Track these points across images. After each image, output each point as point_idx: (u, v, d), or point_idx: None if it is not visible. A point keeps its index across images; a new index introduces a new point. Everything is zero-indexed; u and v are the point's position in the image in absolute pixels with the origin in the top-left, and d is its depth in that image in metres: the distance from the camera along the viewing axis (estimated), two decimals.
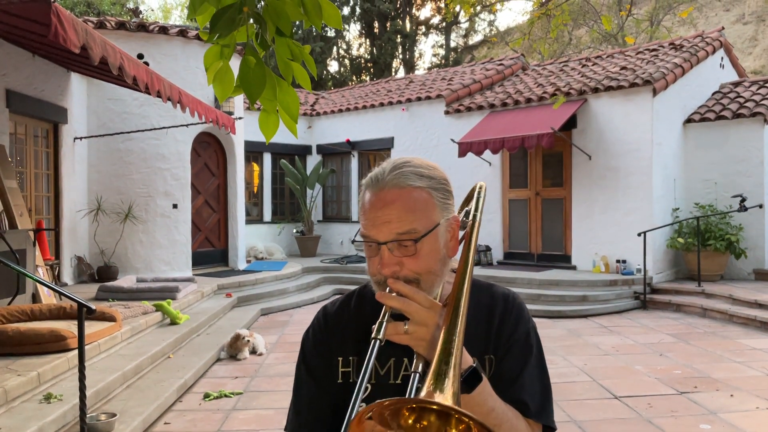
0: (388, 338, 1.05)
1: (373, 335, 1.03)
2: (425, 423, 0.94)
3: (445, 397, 0.93)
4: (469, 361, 1.07)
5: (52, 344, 4.97)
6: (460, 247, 1.25)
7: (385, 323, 1.05)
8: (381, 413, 0.91)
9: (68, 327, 5.17)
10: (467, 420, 0.90)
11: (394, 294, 1.09)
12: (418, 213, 1.14)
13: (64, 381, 4.72)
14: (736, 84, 11.59)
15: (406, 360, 1.21)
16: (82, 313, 3.84)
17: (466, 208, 1.37)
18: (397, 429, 0.93)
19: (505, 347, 1.23)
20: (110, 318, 5.92)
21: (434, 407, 0.92)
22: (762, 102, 10.36)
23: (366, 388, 1.03)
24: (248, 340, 6.59)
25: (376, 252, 1.16)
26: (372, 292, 1.19)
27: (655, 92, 9.76)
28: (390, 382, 1.22)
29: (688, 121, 10.79)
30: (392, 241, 1.13)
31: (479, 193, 1.37)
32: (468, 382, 1.05)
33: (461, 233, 1.27)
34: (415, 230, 1.13)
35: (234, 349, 6.60)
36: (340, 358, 1.27)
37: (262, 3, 1.49)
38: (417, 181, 1.16)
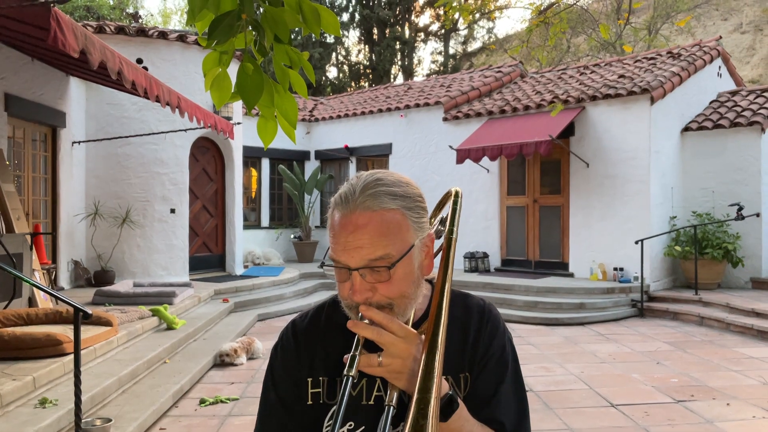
0: (362, 370, 1.02)
1: (345, 371, 1.00)
2: None
3: None
4: (445, 388, 1.05)
5: (48, 349, 4.95)
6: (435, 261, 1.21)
7: (357, 356, 1.02)
8: None
9: (64, 331, 5.16)
10: None
11: (367, 322, 1.05)
12: (392, 237, 1.08)
13: (60, 386, 4.70)
14: (734, 93, 11.63)
15: (378, 380, 1.18)
16: (78, 318, 3.83)
17: (441, 215, 1.31)
18: None
19: (480, 364, 1.19)
20: (106, 323, 5.91)
21: None
22: (759, 111, 10.39)
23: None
24: (227, 359, 6.49)
25: (347, 277, 1.10)
26: (341, 309, 1.16)
27: (652, 101, 9.79)
28: (362, 403, 1.18)
29: (686, 129, 10.82)
30: (364, 267, 1.08)
31: (455, 202, 1.29)
32: (444, 410, 1.03)
33: (437, 243, 1.22)
34: (388, 255, 1.08)
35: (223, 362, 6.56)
36: (310, 379, 1.22)
37: (261, 10, 1.49)
38: (390, 202, 1.10)
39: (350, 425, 1.17)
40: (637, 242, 9.23)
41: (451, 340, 1.15)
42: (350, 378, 0.99)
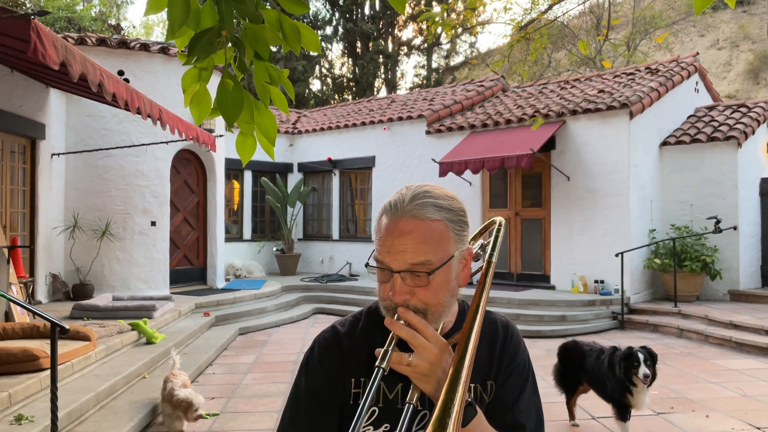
0: (391, 367, 1.07)
1: (377, 363, 1.05)
2: None
3: None
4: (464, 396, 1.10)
5: (25, 364, 4.87)
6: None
7: (390, 351, 1.07)
8: None
9: (41, 346, 5.08)
10: None
11: (402, 323, 1.10)
12: (434, 245, 1.15)
13: (36, 402, 4.62)
14: (711, 108, 11.83)
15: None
16: (56, 333, 3.78)
17: (482, 242, 1.42)
18: None
19: (505, 373, 1.28)
20: (84, 337, 5.83)
21: None
22: (736, 126, 10.58)
23: (373, 411, 1.06)
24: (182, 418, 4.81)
25: (388, 278, 1.17)
26: (381, 314, 1.22)
27: (631, 115, 9.93)
28: (398, 407, 1.23)
29: (664, 143, 10.98)
30: (406, 270, 1.14)
31: (498, 231, 1.39)
32: (463, 416, 1.07)
33: (474, 265, 1.31)
34: (429, 262, 1.14)
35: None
36: (353, 379, 1.27)
37: (241, 26, 1.50)
38: (435, 213, 1.17)
39: (386, 427, 1.22)
40: (617, 255, 9.32)
41: (479, 351, 1.21)
42: (381, 370, 1.04)
